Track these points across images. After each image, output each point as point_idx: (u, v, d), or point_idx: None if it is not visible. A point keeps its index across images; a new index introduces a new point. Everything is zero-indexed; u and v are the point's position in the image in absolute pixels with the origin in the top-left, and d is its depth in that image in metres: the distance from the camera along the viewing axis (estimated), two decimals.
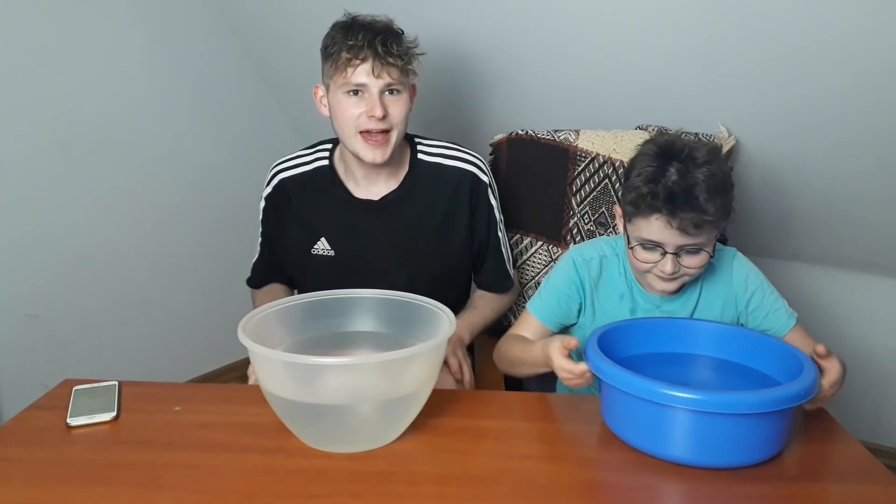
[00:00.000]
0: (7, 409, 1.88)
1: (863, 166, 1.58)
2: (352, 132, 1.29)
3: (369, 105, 1.27)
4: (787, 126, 1.57)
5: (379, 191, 1.39)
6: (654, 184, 1.05)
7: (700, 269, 1.12)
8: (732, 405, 0.87)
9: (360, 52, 1.25)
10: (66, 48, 1.91)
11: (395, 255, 1.39)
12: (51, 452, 0.96)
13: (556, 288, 1.23)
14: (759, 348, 1.06)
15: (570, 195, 1.60)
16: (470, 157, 1.42)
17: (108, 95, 2.02)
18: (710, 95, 1.60)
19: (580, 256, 1.23)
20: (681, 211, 1.04)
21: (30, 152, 1.89)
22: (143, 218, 2.15)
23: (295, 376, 0.93)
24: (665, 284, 1.14)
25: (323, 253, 1.40)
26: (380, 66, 1.25)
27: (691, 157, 1.06)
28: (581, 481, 0.90)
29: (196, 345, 2.34)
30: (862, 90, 1.41)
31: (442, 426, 1.01)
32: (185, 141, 2.24)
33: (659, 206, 1.05)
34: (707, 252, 1.10)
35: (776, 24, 1.37)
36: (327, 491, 0.87)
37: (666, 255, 1.09)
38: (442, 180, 1.40)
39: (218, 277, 2.31)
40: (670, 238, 1.07)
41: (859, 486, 0.90)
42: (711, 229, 1.07)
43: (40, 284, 1.95)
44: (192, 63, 2.21)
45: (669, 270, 1.09)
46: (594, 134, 1.58)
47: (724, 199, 1.06)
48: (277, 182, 1.43)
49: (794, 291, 1.21)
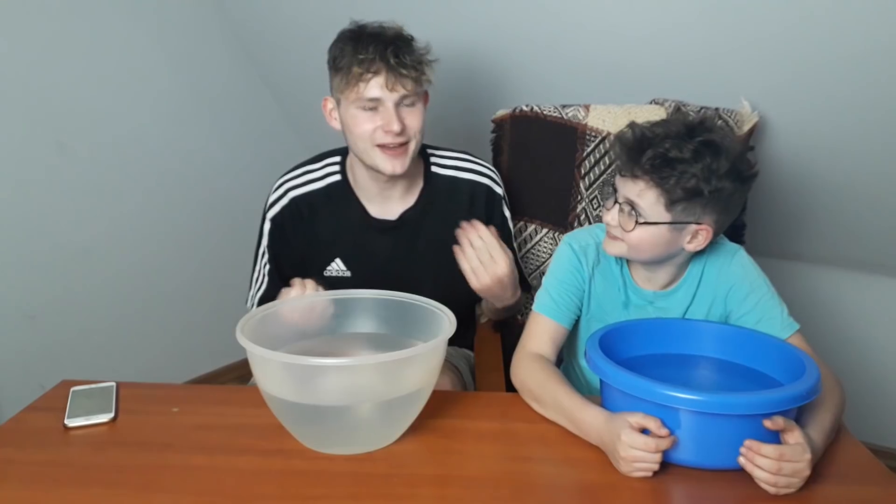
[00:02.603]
0: (4, 411, 1.87)
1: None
2: (368, 146, 1.25)
3: (385, 119, 1.22)
4: (818, 101, 1.46)
5: (395, 207, 1.35)
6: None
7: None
8: (734, 406, 0.87)
9: (372, 65, 1.19)
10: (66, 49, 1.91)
11: (412, 274, 1.34)
12: (48, 454, 0.96)
13: (562, 279, 1.16)
14: (761, 349, 1.05)
15: (578, 178, 1.51)
16: (484, 168, 1.39)
17: (107, 96, 2.02)
18: (732, 66, 1.49)
19: (576, 242, 1.18)
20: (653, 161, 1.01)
21: (28, 153, 1.88)
22: (140, 219, 2.15)
23: (294, 377, 0.93)
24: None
25: (337, 274, 1.36)
26: (393, 79, 1.20)
27: (711, 130, 1.04)
28: (581, 482, 0.90)
29: (194, 346, 2.33)
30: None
31: (442, 427, 1.01)
32: (184, 141, 2.23)
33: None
34: (634, 220, 1.05)
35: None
36: (326, 493, 0.87)
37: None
38: (458, 195, 1.36)
39: (216, 279, 2.30)
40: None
41: (859, 486, 0.90)
42: (654, 188, 1.03)
43: (38, 285, 1.94)
44: (191, 64, 2.21)
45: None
46: (605, 109, 1.48)
47: (718, 181, 1.01)
48: (289, 201, 1.34)
49: (795, 291, 1.18)
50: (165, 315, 2.26)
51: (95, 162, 2.02)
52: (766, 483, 0.85)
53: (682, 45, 1.52)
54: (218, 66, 2.27)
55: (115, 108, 2.04)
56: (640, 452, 0.87)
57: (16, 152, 1.86)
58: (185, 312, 2.31)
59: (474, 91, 1.89)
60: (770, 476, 0.84)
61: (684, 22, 1.47)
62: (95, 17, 1.96)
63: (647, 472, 0.88)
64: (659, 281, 1.15)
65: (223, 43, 2.26)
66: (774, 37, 1.40)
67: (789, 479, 0.85)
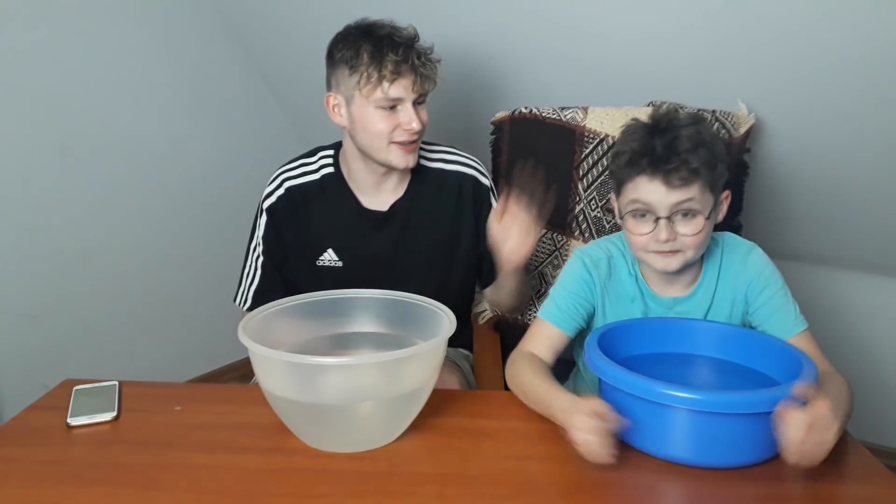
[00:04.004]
0: (7, 410, 1.88)
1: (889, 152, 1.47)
2: (384, 143, 1.28)
3: (407, 118, 1.26)
4: (815, 103, 1.46)
5: (386, 199, 1.37)
6: (638, 144, 1.06)
7: (698, 239, 1.06)
8: (732, 405, 0.87)
9: (401, 66, 1.23)
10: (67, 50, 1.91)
11: (404, 263, 1.37)
12: (51, 452, 0.96)
13: (569, 288, 1.16)
14: (760, 349, 1.06)
15: (577, 180, 1.53)
16: (468, 160, 1.41)
17: (107, 96, 2.02)
18: (729, 68, 1.50)
19: (587, 257, 1.17)
20: (664, 163, 1.03)
21: (29, 153, 1.89)
22: (142, 218, 2.15)
23: (295, 376, 0.93)
24: (665, 260, 1.08)
25: (329, 264, 1.38)
26: (419, 81, 1.25)
27: (675, 122, 1.07)
28: (581, 481, 0.90)
29: (196, 345, 2.34)
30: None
31: (442, 426, 1.01)
32: (184, 141, 2.24)
33: (643, 163, 1.05)
34: (703, 217, 1.06)
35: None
36: (327, 491, 0.87)
37: (659, 222, 1.06)
38: (445, 185, 1.39)
39: (218, 278, 2.29)
40: (658, 197, 1.05)
41: (859, 486, 0.90)
42: (701, 185, 1.05)
43: (40, 285, 1.95)
44: (192, 65, 2.21)
45: (664, 237, 1.05)
46: (603, 112, 1.51)
47: (708, 151, 1.04)
48: (284, 191, 1.37)
49: (793, 291, 1.19)
50: (167, 314, 2.26)
51: (97, 162, 2.02)
52: (793, 445, 0.84)
53: (679, 49, 1.52)
54: (219, 67, 2.28)
55: (116, 109, 2.05)
56: (589, 436, 0.87)
57: (18, 153, 1.86)
58: (187, 312, 2.31)
59: (474, 93, 1.90)
60: (798, 436, 0.83)
61: (682, 25, 1.48)
62: (97, 18, 1.96)
63: (600, 458, 0.87)
64: (681, 283, 1.15)
65: (224, 43, 2.26)
66: (771, 40, 1.41)
67: (814, 448, 0.84)
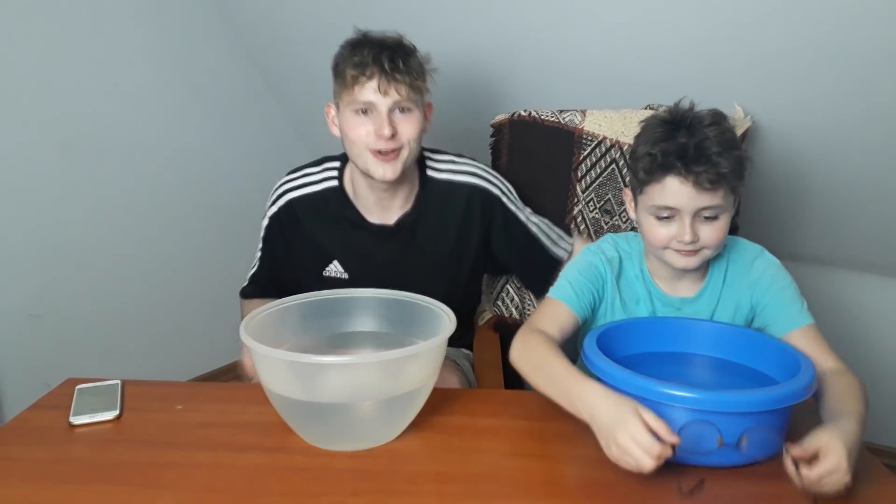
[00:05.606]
0: (10, 409, 1.88)
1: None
2: (361, 150, 1.26)
3: (377, 124, 1.23)
4: (810, 105, 1.46)
5: (392, 213, 1.36)
6: (665, 143, 1.03)
7: (718, 242, 1.06)
8: (731, 404, 0.87)
9: (366, 68, 1.21)
10: (69, 52, 1.92)
11: (410, 276, 1.34)
12: (53, 451, 0.96)
13: (584, 273, 1.14)
14: (758, 348, 1.06)
15: (575, 181, 1.54)
16: (479, 170, 1.39)
17: (111, 97, 2.03)
18: (725, 71, 1.50)
19: (602, 253, 1.16)
20: (695, 165, 1.00)
21: (33, 153, 1.89)
22: (145, 219, 2.16)
23: (296, 375, 0.94)
24: (685, 259, 1.07)
25: (336, 275, 1.38)
26: (386, 83, 1.21)
27: (698, 119, 1.04)
28: (580, 480, 0.91)
29: (198, 344, 2.34)
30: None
31: (442, 425, 1.02)
32: (187, 143, 2.24)
33: (673, 162, 1.02)
34: (725, 220, 1.05)
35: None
36: (328, 489, 0.88)
37: (684, 223, 1.04)
38: (454, 199, 1.36)
39: (220, 278, 2.31)
40: (687, 200, 1.02)
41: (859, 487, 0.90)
42: (727, 188, 1.04)
43: (43, 284, 1.96)
44: (194, 67, 2.22)
45: (689, 238, 1.03)
46: (601, 114, 1.52)
47: (736, 155, 1.03)
48: (285, 203, 1.37)
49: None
50: (170, 314, 2.27)
51: (100, 163, 2.03)
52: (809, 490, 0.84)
53: (676, 52, 1.54)
54: (221, 70, 2.29)
55: (119, 110, 2.05)
56: (640, 451, 0.83)
57: (21, 153, 1.87)
58: (190, 311, 2.32)
59: (474, 96, 1.91)
60: (812, 488, 0.83)
61: (679, 29, 1.49)
62: (99, 20, 1.97)
63: (633, 468, 0.85)
64: (688, 280, 1.15)
65: (227, 46, 2.27)
66: (768, 43, 1.42)
67: (831, 489, 0.83)
